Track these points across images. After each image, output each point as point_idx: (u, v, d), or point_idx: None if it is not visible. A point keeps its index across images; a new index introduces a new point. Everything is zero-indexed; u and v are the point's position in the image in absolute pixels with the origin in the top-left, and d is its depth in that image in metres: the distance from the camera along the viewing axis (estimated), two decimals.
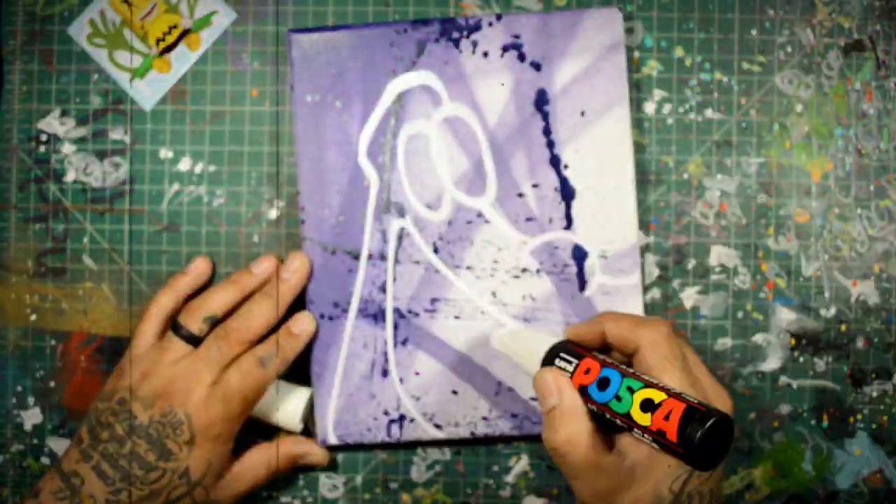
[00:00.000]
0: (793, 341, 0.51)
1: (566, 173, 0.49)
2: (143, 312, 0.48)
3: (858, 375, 0.51)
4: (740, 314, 0.51)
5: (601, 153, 0.49)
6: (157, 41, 0.51)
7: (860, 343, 0.51)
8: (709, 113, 0.51)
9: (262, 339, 0.48)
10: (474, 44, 0.49)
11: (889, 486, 0.50)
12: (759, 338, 0.51)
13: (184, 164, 0.51)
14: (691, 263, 0.51)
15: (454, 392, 0.49)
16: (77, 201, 0.51)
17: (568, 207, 0.49)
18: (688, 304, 0.51)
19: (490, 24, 0.49)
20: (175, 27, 0.51)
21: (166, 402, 0.45)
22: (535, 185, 0.49)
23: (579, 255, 0.49)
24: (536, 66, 0.49)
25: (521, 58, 0.49)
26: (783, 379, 0.51)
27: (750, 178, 0.51)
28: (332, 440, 0.50)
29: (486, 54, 0.49)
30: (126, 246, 0.51)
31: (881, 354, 0.51)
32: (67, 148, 0.51)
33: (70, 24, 0.51)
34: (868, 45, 0.50)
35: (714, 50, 0.51)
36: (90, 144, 0.51)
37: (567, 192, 0.49)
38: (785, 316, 0.51)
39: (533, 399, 0.49)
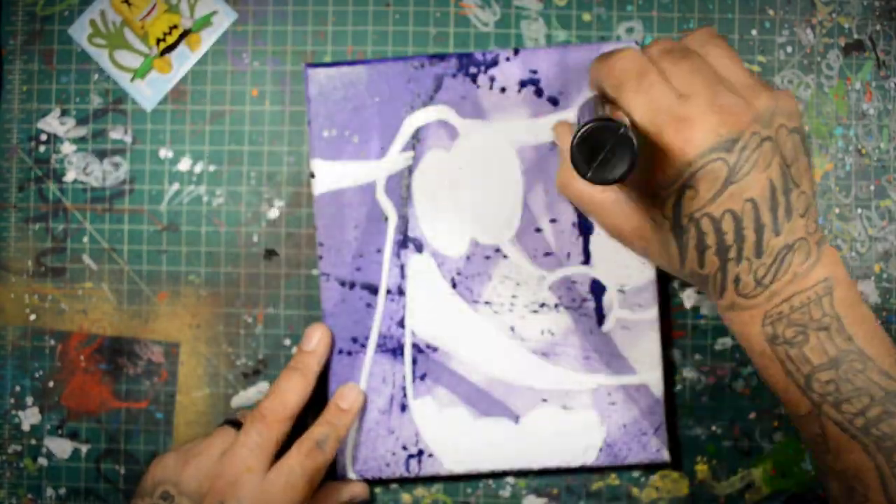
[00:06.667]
0: None
1: None
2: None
3: None
4: None
5: None
6: (158, 41, 0.51)
7: None
8: None
9: (298, 416, 0.46)
10: (492, 79, 0.49)
11: None
12: None
13: (184, 164, 0.51)
14: None
15: (473, 427, 0.49)
16: (77, 201, 0.51)
17: (586, 242, 0.49)
18: (688, 304, 0.51)
19: (507, 59, 0.49)
20: (175, 27, 0.51)
21: (216, 498, 0.43)
22: (552, 220, 0.49)
23: (597, 289, 0.49)
24: (554, 102, 0.49)
25: (539, 93, 0.49)
26: None
27: None
28: (351, 475, 0.49)
29: (503, 89, 0.49)
30: (126, 246, 0.51)
31: None
32: (67, 148, 0.51)
33: (70, 24, 0.51)
34: (868, 45, 0.51)
35: None
36: (90, 144, 0.51)
37: (585, 227, 0.49)
38: None
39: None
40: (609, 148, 0.34)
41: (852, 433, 0.38)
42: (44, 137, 0.51)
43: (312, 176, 0.49)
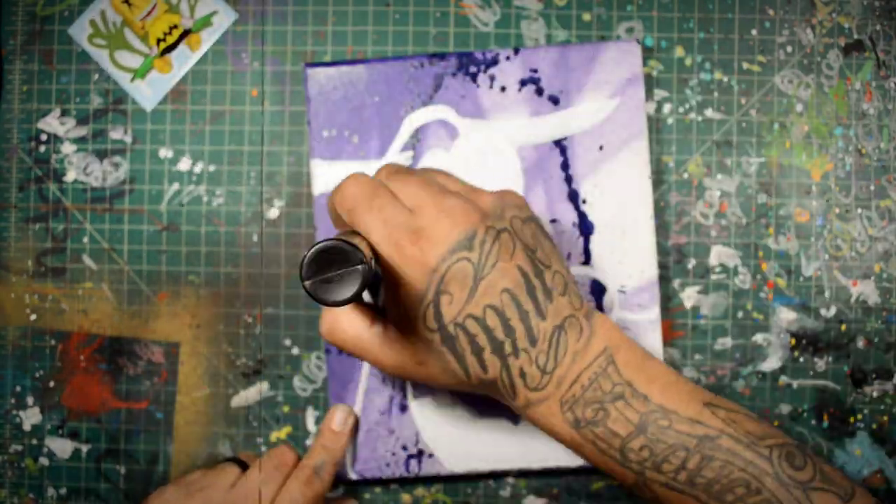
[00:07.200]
0: (793, 341, 0.51)
1: (584, 208, 0.49)
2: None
3: (859, 375, 0.51)
4: (740, 314, 0.51)
5: (620, 188, 0.49)
6: (158, 41, 0.51)
7: (860, 343, 0.51)
8: (709, 113, 0.51)
9: None
10: (492, 78, 0.49)
11: (889, 486, 0.50)
12: (759, 338, 0.51)
13: (184, 164, 0.51)
14: (691, 263, 0.51)
15: (473, 427, 0.49)
16: (77, 201, 0.51)
17: (586, 242, 0.49)
18: (688, 304, 0.51)
19: (507, 59, 0.49)
20: (176, 27, 0.51)
21: None
22: (553, 221, 0.49)
23: (598, 290, 0.49)
24: (554, 101, 0.49)
25: (539, 92, 0.49)
26: (783, 379, 0.51)
27: (750, 178, 0.51)
28: (351, 476, 0.49)
29: (503, 89, 0.49)
30: (126, 246, 0.51)
31: (881, 354, 0.51)
32: (67, 148, 0.51)
33: (70, 24, 0.51)
34: (868, 45, 0.51)
35: (714, 50, 0.51)
36: (90, 144, 0.51)
37: (585, 228, 0.49)
38: (785, 316, 0.51)
39: None
40: (339, 272, 0.34)
41: (680, 489, 0.38)
42: (44, 137, 0.51)
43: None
